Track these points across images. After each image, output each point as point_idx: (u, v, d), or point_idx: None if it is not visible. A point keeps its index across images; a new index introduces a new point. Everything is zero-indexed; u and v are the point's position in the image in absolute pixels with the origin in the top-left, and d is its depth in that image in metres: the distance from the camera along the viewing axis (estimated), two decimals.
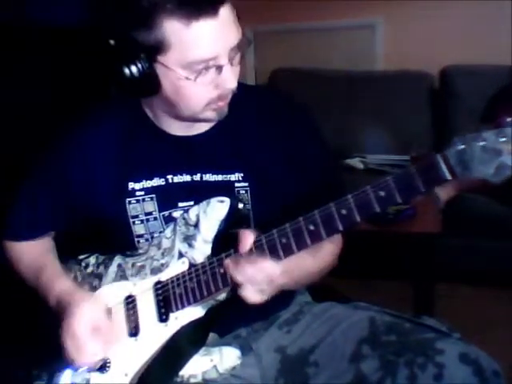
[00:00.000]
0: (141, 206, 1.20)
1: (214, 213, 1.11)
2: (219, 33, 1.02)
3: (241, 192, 1.19)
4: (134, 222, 1.21)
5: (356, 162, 2.84)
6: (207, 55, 1.02)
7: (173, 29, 1.00)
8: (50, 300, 1.20)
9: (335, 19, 3.50)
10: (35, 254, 1.30)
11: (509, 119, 0.86)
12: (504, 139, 0.85)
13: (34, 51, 3.17)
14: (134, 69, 1.04)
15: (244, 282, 1.02)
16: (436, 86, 3.26)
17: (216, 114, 1.13)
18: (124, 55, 1.05)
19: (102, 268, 1.23)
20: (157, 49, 1.02)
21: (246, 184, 1.19)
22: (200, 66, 1.03)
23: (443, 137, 3.13)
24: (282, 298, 1.30)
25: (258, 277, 1.01)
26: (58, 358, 1.18)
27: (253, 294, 1.02)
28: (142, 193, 1.20)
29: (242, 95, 1.19)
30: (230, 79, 1.07)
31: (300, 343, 1.19)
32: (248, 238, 1.02)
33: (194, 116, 1.13)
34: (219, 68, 1.05)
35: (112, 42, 1.05)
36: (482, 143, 0.86)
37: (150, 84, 1.07)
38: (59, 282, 1.20)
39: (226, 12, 1.02)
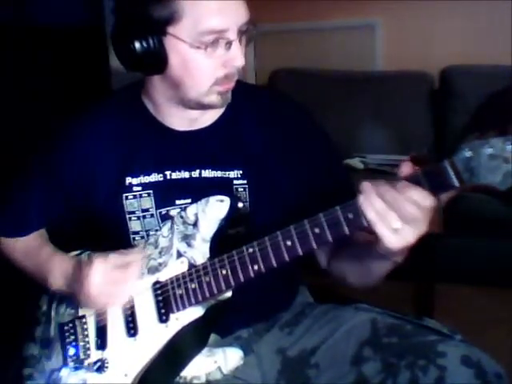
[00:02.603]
0: (138, 202, 1.20)
1: (213, 212, 1.11)
2: (231, 6, 1.05)
3: (239, 190, 1.18)
4: (130, 218, 1.20)
5: (356, 162, 2.83)
6: (218, 26, 1.04)
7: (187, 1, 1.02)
8: (53, 277, 1.21)
9: (335, 19, 3.49)
10: (28, 241, 1.31)
11: None
12: (511, 147, 0.85)
13: (34, 51, 3.17)
14: (143, 42, 1.05)
15: (380, 213, 0.91)
16: (436, 86, 3.25)
17: (220, 99, 1.13)
18: (135, 29, 1.06)
19: None
20: (168, 20, 1.04)
21: (245, 181, 1.19)
22: (210, 37, 1.04)
23: (443, 137, 3.13)
24: (282, 299, 1.30)
25: (403, 204, 0.89)
26: (52, 357, 1.18)
27: (390, 236, 0.91)
28: (139, 188, 1.20)
29: (244, 93, 1.19)
30: (238, 56, 1.08)
31: (301, 345, 1.19)
32: (408, 165, 0.93)
33: (199, 99, 1.12)
34: (228, 44, 1.06)
35: (121, 16, 1.08)
36: (489, 150, 0.86)
37: (159, 59, 1.07)
38: (61, 258, 1.23)
39: None
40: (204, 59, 1.06)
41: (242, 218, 1.12)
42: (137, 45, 1.05)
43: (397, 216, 0.90)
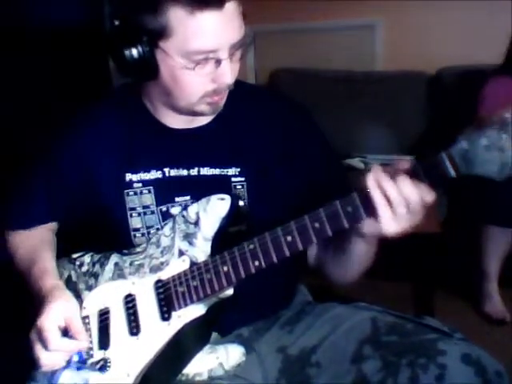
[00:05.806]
0: (138, 199, 1.21)
1: (214, 211, 1.12)
2: (222, 26, 1.02)
3: (237, 187, 1.19)
4: (131, 215, 1.21)
5: (356, 162, 2.84)
6: (208, 47, 1.03)
7: (177, 16, 1.01)
8: (37, 294, 1.19)
9: (335, 19, 3.49)
10: (30, 246, 1.29)
11: (509, 115, 0.86)
12: (506, 136, 0.86)
13: (34, 51, 3.17)
14: (134, 51, 1.05)
15: (387, 201, 0.93)
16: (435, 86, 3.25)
17: (211, 109, 1.14)
18: (127, 37, 1.06)
19: (97, 267, 1.22)
20: (159, 34, 1.03)
21: (243, 179, 1.19)
22: (200, 56, 1.04)
23: (443, 137, 3.12)
24: (282, 297, 1.30)
25: (413, 196, 0.92)
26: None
27: (390, 221, 0.94)
28: (140, 185, 1.21)
29: (243, 92, 1.20)
30: (227, 74, 1.07)
31: (302, 343, 1.19)
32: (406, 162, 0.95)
33: (189, 107, 1.13)
34: (218, 61, 1.06)
35: (117, 22, 1.06)
36: (485, 140, 0.87)
37: (149, 68, 1.07)
38: (46, 279, 1.19)
39: (231, 7, 1.03)
40: (193, 76, 1.06)
41: (243, 216, 1.13)
42: (128, 52, 1.05)
43: (404, 203, 0.93)
